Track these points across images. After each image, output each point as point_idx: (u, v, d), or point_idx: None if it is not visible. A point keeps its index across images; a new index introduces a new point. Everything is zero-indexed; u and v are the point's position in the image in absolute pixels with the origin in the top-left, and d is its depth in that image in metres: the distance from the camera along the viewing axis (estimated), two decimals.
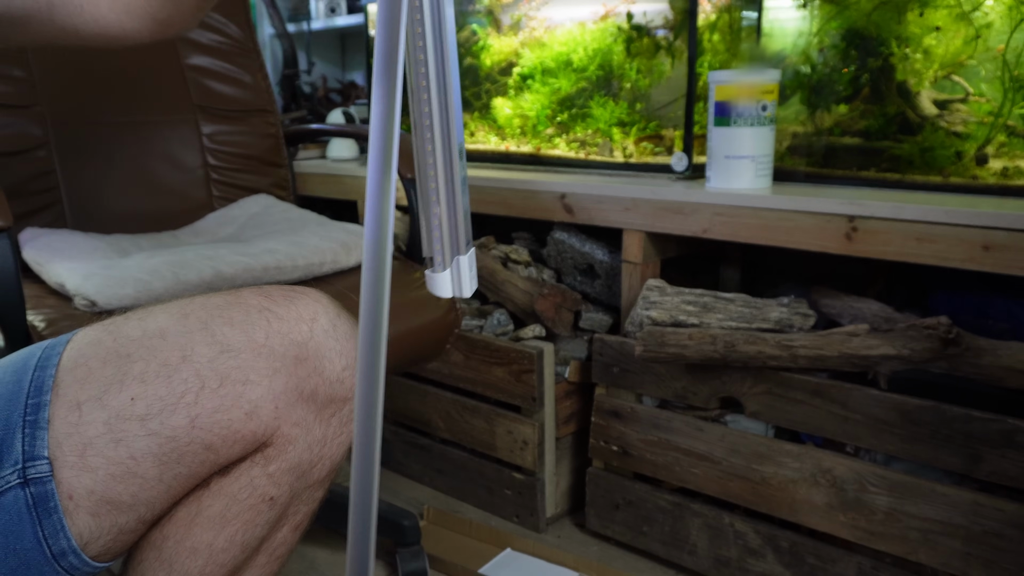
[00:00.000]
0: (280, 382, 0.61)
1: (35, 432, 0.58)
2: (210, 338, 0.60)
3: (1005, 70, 1.15)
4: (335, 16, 2.53)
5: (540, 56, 1.65)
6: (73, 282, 1.07)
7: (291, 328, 0.62)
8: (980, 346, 1.04)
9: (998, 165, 1.18)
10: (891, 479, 1.06)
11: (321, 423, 0.65)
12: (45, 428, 0.58)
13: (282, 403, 0.62)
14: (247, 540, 0.65)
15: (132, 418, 0.58)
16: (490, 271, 1.49)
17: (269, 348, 0.61)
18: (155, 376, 0.59)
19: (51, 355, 0.61)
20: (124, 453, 0.58)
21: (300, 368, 0.62)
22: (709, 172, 1.30)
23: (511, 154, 1.72)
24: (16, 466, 0.57)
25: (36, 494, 0.57)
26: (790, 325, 1.19)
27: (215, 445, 0.60)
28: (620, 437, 1.32)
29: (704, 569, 1.26)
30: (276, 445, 0.63)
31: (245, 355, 0.60)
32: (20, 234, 1.25)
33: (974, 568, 1.01)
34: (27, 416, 0.58)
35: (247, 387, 0.60)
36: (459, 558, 1.32)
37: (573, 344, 1.45)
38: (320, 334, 0.64)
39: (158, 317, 0.62)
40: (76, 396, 0.58)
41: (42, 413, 0.58)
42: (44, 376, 0.59)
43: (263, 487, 0.64)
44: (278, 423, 0.62)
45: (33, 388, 0.59)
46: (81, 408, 0.58)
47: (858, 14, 1.28)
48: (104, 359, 0.59)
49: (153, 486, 0.60)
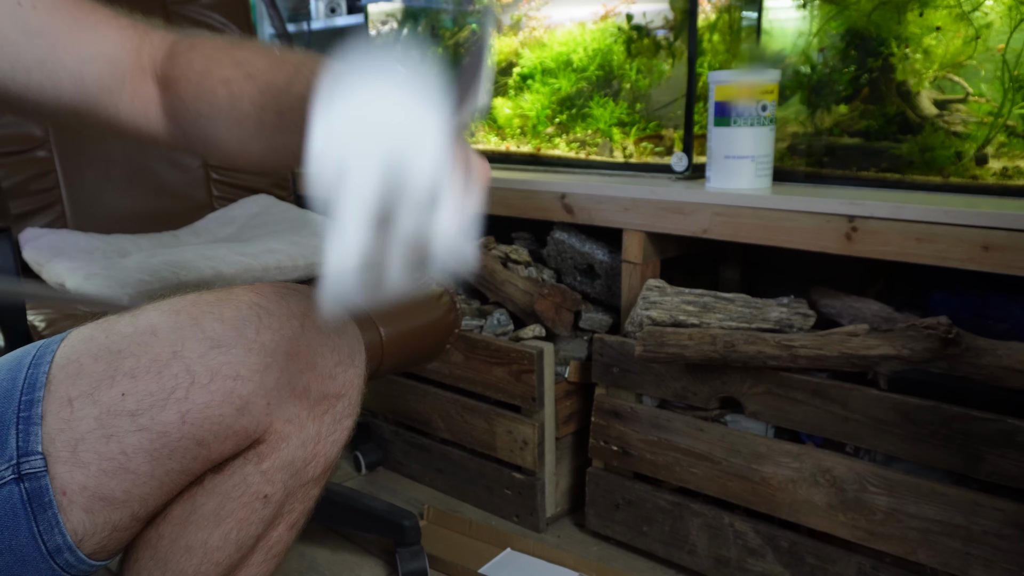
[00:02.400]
0: (271, 378, 0.61)
1: (29, 428, 0.58)
2: (200, 334, 0.60)
3: (1005, 70, 1.15)
4: (335, 16, 2.53)
5: (540, 56, 1.65)
6: (73, 282, 1.07)
7: (282, 324, 0.62)
8: (980, 346, 1.04)
9: (998, 165, 1.18)
10: (891, 479, 1.06)
11: (314, 420, 0.65)
12: (39, 424, 0.58)
13: (274, 399, 0.62)
14: (242, 538, 0.65)
15: (123, 414, 0.58)
16: (490, 271, 1.49)
17: (260, 344, 0.61)
18: (145, 372, 0.59)
19: (45, 352, 0.61)
20: (116, 448, 0.58)
21: (292, 364, 0.62)
22: (709, 172, 1.30)
23: (511, 154, 1.72)
24: (11, 462, 0.57)
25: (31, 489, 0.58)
26: (790, 325, 1.19)
27: (206, 441, 0.60)
28: (620, 437, 1.32)
29: (704, 569, 1.26)
30: (269, 442, 0.63)
31: (236, 350, 0.60)
32: (20, 234, 1.25)
33: (974, 568, 1.01)
34: (20, 412, 0.58)
35: (238, 382, 0.60)
36: (459, 558, 1.32)
37: (573, 344, 1.45)
38: (312, 330, 0.63)
39: (150, 314, 0.62)
40: (68, 392, 0.58)
41: (35, 409, 0.58)
42: (38, 373, 0.59)
43: (256, 484, 0.64)
44: (270, 419, 0.62)
45: (27, 385, 0.59)
46: (73, 404, 0.58)
47: (858, 14, 1.28)
48: (96, 355, 0.60)
49: (145, 482, 0.60)
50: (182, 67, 0.65)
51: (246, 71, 0.62)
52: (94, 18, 0.64)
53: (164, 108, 0.67)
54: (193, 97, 0.64)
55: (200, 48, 0.66)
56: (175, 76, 0.65)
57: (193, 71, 0.64)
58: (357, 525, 1.36)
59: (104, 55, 0.64)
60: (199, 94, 0.63)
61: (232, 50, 0.65)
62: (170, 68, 0.65)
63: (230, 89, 0.62)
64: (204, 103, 0.63)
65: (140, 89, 0.66)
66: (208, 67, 0.64)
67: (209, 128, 0.65)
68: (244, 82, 0.62)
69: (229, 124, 0.63)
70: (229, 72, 0.63)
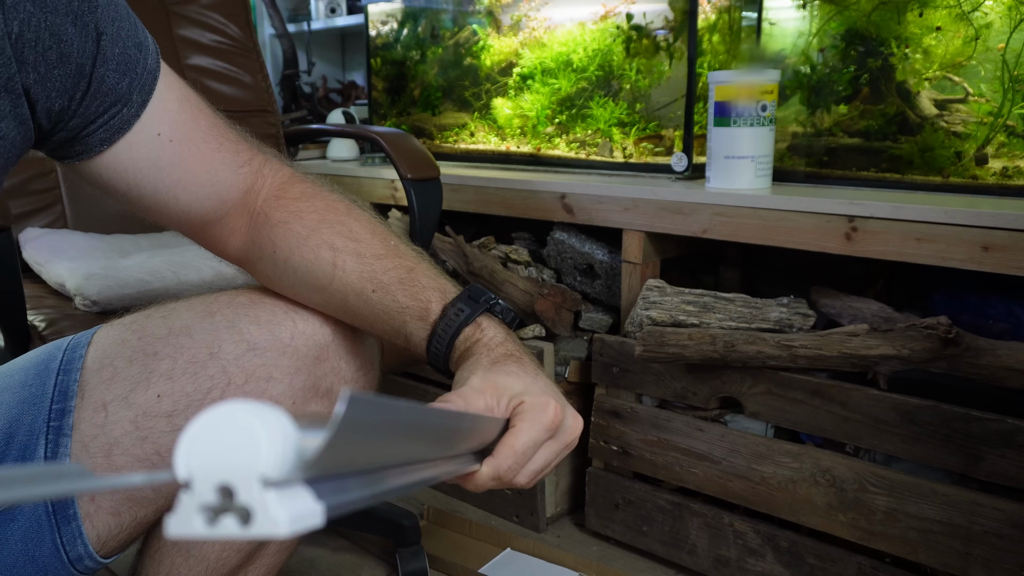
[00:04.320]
0: (300, 380, 0.63)
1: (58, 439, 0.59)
2: (237, 336, 0.62)
3: (1005, 70, 1.15)
4: (335, 16, 2.53)
5: (540, 56, 1.65)
6: (74, 282, 1.07)
7: (315, 331, 0.64)
8: (980, 346, 1.04)
9: (998, 165, 1.18)
10: (891, 479, 1.06)
11: None
12: (68, 435, 0.58)
13: (299, 399, 0.64)
14: None
15: (159, 415, 0.60)
16: (490, 271, 1.49)
17: (294, 348, 0.63)
18: (182, 373, 0.60)
19: (73, 357, 0.61)
20: (150, 449, 0.59)
21: (319, 368, 0.64)
22: (709, 172, 1.30)
23: (511, 154, 1.72)
24: None
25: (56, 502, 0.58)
26: (790, 325, 1.19)
27: None
28: (620, 437, 1.32)
29: (704, 569, 1.26)
30: None
31: (270, 353, 0.62)
32: (20, 234, 1.25)
33: (973, 568, 1.01)
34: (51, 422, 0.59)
35: (269, 384, 0.62)
36: (459, 558, 1.32)
37: (573, 344, 1.45)
38: (340, 337, 0.66)
39: (183, 315, 0.63)
40: (102, 397, 0.60)
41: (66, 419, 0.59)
42: (68, 380, 0.60)
43: None
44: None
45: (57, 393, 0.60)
46: (107, 408, 0.59)
47: (858, 14, 1.28)
48: (130, 358, 0.61)
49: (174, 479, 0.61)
50: (290, 212, 0.64)
51: (357, 249, 0.63)
52: (218, 158, 0.64)
53: (249, 240, 0.67)
54: (290, 247, 0.64)
55: (314, 200, 0.65)
56: (277, 219, 0.64)
57: (302, 224, 0.64)
58: (357, 525, 1.36)
59: (216, 196, 0.64)
60: (301, 249, 0.63)
61: (347, 218, 0.64)
62: (274, 208, 0.65)
63: (335, 258, 0.62)
64: (300, 258, 0.63)
65: (234, 223, 0.67)
66: (318, 226, 0.64)
67: (293, 279, 0.65)
68: (350, 258, 0.62)
69: (318, 285, 0.64)
70: (340, 242, 0.63)
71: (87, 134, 0.58)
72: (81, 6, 0.53)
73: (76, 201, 1.36)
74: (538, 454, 0.53)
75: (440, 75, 1.86)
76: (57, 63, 0.53)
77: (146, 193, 0.62)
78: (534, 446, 0.52)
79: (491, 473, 0.51)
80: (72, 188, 1.36)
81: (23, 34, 0.50)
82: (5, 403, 0.60)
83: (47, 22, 0.51)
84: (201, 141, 0.62)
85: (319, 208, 0.65)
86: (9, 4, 0.49)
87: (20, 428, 0.59)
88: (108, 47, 0.55)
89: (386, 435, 0.32)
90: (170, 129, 0.60)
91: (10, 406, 0.60)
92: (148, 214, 0.65)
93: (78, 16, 0.53)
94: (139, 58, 0.58)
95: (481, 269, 1.49)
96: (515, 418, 0.53)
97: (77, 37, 0.53)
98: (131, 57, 0.57)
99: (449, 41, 1.84)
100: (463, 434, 0.48)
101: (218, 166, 0.64)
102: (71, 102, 0.55)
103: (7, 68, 0.50)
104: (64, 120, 0.56)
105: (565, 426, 0.55)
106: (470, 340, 0.60)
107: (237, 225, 0.66)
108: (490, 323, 0.61)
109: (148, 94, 0.59)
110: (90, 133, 0.57)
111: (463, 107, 1.83)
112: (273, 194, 0.66)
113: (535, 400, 0.53)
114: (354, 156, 2.00)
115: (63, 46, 0.53)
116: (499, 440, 0.52)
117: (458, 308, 0.60)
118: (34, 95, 0.53)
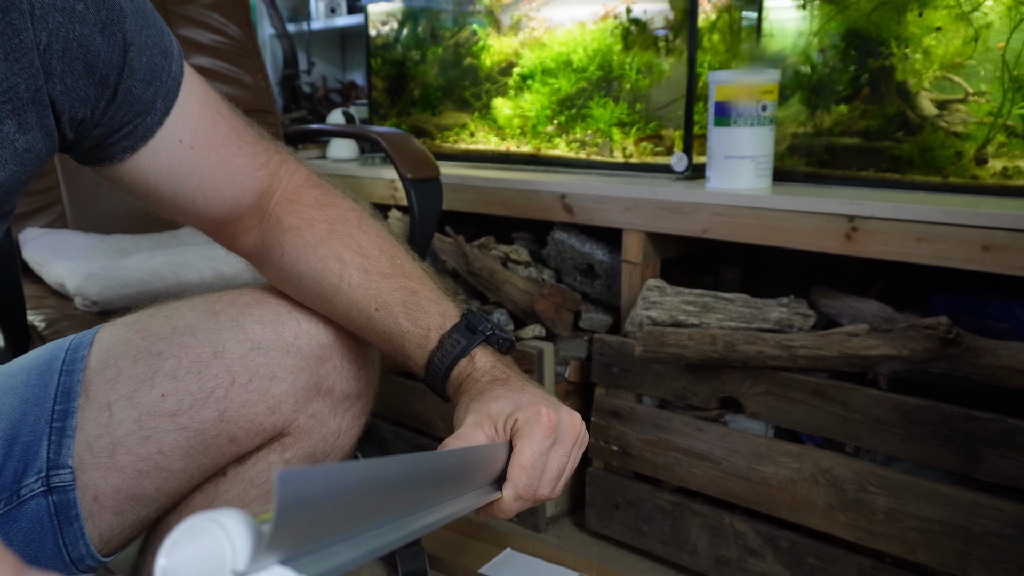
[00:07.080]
0: (303, 379, 0.64)
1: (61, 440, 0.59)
2: (241, 335, 0.62)
3: (1004, 70, 1.15)
4: (335, 16, 2.53)
5: (540, 56, 1.65)
6: (74, 282, 1.07)
7: (318, 330, 0.65)
8: (980, 346, 1.04)
9: (998, 165, 1.18)
10: (891, 479, 1.06)
11: (336, 417, 0.68)
12: (71, 436, 0.59)
13: (302, 397, 0.64)
14: None
15: (163, 414, 0.60)
16: (490, 271, 1.49)
17: (297, 348, 0.63)
18: (186, 372, 0.61)
19: (76, 358, 0.62)
20: (153, 448, 0.60)
21: (322, 367, 0.65)
22: (709, 172, 1.30)
23: (511, 154, 1.72)
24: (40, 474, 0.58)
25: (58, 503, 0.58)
26: (790, 325, 1.19)
27: (239, 438, 0.62)
28: (620, 437, 1.32)
29: (704, 569, 1.26)
30: (293, 435, 0.66)
31: (274, 352, 0.63)
32: (20, 234, 1.25)
33: (973, 568, 1.01)
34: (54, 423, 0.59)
35: (273, 383, 0.62)
36: (459, 558, 1.32)
37: (573, 344, 1.45)
38: (342, 337, 0.66)
39: (186, 314, 0.64)
40: (107, 397, 0.60)
41: (70, 420, 0.59)
42: (71, 381, 0.60)
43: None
44: (296, 416, 0.65)
45: (60, 393, 0.60)
46: (111, 408, 0.59)
47: (858, 14, 1.28)
48: (134, 358, 0.61)
49: (177, 478, 0.62)
50: (301, 219, 0.65)
51: (364, 265, 0.63)
52: (237, 162, 0.64)
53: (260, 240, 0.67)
54: (298, 254, 0.64)
55: (327, 209, 0.65)
56: (288, 225, 0.65)
57: (312, 232, 0.64)
58: None
59: (232, 200, 0.64)
60: (308, 257, 0.64)
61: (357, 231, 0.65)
62: (286, 213, 0.65)
63: (342, 271, 0.63)
64: (307, 266, 0.64)
65: (248, 222, 0.67)
66: (328, 237, 0.64)
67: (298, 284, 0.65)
68: (357, 274, 0.62)
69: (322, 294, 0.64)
70: (348, 255, 0.63)
71: (111, 143, 0.57)
72: (110, 16, 0.53)
73: (76, 201, 1.36)
74: (549, 462, 0.54)
75: (440, 75, 1.86)
76: (83, 74, 0.52)
77: (165, 197, 0.62)
78: (541, 456, 0.53)
79: (512, 495, 0.53)
80: (72, 188, 1.36)
81: (51, 45, 0.50)
82: (7, 404, 0.60)
83: (76, 33, 0.51)
84: (220, 145, 0.62)
85: (331, 218, 0.65)
86: (39, 14, 0.49)
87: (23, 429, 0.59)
88: (135, 58, 0.55)
89: (363, 496, 0.33)
90: (192, 135, 0.60)
91: (12, 407, 0.60)
92: (165, 214, 0.65)
93: (106, 26, 0.52)
94: (164, 65, 0.58)
95: (481, 269, 1.49)
96: (515, 437, 0.54)
97: (104, 47, 0.53)
98: (157, 65, 0.57)
99: (449, 41, 1.84)
100: (472, 467, 0.49)
101: (236, 171, 0.64)
102: (94, 112, 0.55)
103: (35, 80, 0.50)
104: (87, 130, 0.56)
105: (563, 426, 0.55)
106: (463, 374, 0.60)
107: (250, 224, 0.67)
108: (483, 353, 0.61)
109: (172, 101, 0.59)
110: (114, 142, 0.57)
111: (463, 107, 1.83)
112: (287, 198, 0.66)
113: (526, 413, 0.54)
114: (354, 156, 2.00)
115: (90, 56, 0.52)
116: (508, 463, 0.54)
117: (455, 339, 0.60)
118: (60, 106, 0.53)
